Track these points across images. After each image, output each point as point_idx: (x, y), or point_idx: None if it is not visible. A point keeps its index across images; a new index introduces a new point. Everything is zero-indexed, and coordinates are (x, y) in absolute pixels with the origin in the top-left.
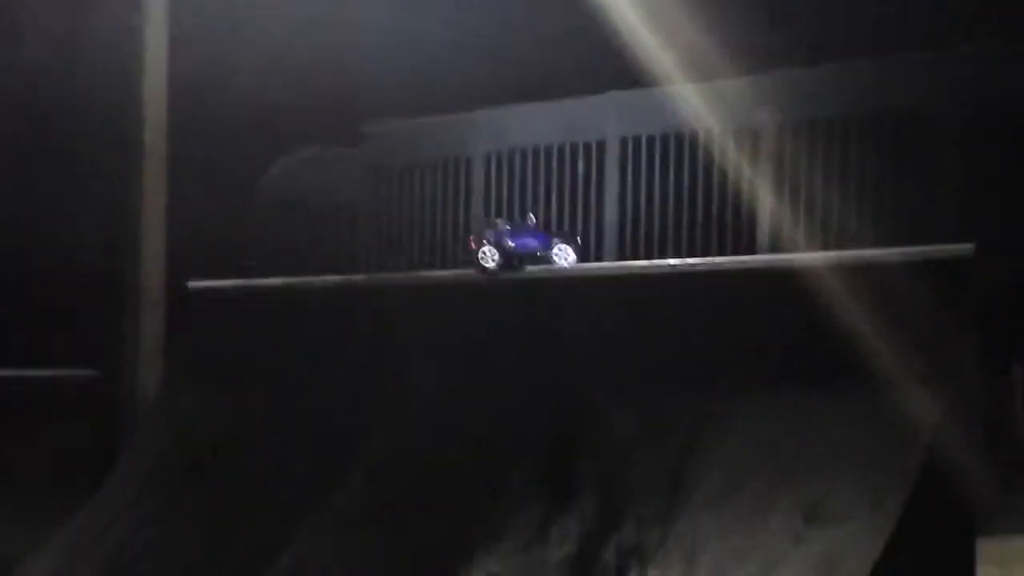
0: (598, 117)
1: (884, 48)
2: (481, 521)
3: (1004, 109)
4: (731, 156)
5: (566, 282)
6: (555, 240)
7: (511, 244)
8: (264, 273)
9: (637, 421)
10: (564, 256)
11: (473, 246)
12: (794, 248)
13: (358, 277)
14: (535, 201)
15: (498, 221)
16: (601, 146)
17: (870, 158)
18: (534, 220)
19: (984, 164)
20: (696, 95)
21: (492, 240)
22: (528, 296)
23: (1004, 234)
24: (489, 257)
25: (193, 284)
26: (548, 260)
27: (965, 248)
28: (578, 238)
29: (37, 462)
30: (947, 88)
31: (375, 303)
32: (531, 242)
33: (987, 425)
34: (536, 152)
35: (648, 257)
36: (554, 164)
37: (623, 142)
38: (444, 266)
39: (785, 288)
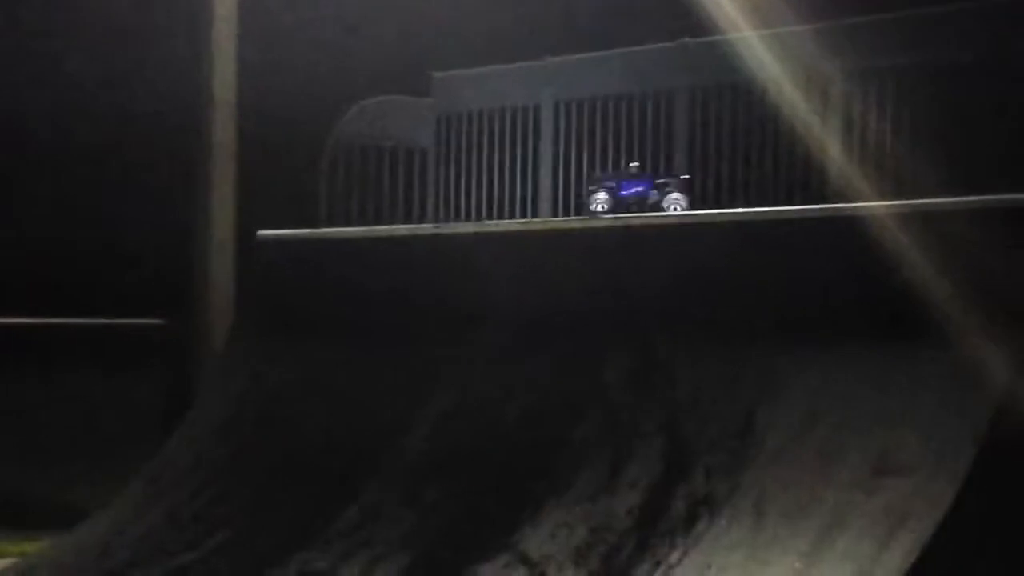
0: (666, 66)
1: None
2: (548, 472)
3: None
4: (798, 106)
5: (631, 232)
6: (667, 187)
7: (621, 194)
8: (334, 222)
9: (704, 372)
10: (677, 203)
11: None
12: (863, 198)
13: (427, 227)
14: (604, 150)
15: (601, 174)
16: (670, 95)
17: (936, 108)
18: (637, 166)
19: None
20: (762, 44)
21: (604, 188)
22: (592, 247)
23: None
24: (601, 203)
25: (263, 233)
26: (659, 208)
27: None
28: (685, 178)
29: (107, 412)
30: (1008, 38)
31: (443, 252)
32: (641, 189)
33: None
34: (605, 101)
35: (718, 207)
36: (623, 113)
37: (692, 91)
38: (513, 214)
39: (854, 238)
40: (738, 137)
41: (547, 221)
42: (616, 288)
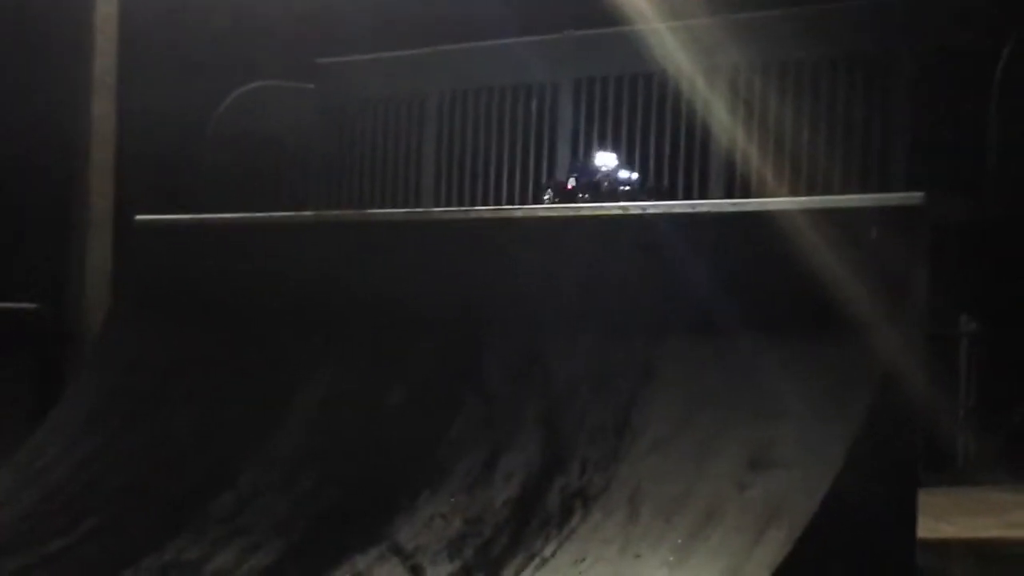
0: (552, 58)
1: None
2: (424, 463)
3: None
4: (700, 97)
5: (513, 224)
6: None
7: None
8: (214, 207)
9: (583, 366)
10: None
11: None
12: (750, 193)
13: (307, 214)
14: (489, 139)
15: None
16: (555, 88)
17: (839, 102)
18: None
19: (936, 111)
20: (665, 35)
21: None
22: (473, 237)
23: (955, 184)
24: (550, 201)
25: (141, 217)
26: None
27: (915, 196)
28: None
29: None
30: (909, 32)
31: (323, 240)
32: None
33: (933, 377)
34: (490, 92)
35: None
36: (507, 104)
37: (576, 84)
38: (395, 203)
39: (734, 233)
40: (631, 127)
41: (428, 212)
42: (490, 282)
